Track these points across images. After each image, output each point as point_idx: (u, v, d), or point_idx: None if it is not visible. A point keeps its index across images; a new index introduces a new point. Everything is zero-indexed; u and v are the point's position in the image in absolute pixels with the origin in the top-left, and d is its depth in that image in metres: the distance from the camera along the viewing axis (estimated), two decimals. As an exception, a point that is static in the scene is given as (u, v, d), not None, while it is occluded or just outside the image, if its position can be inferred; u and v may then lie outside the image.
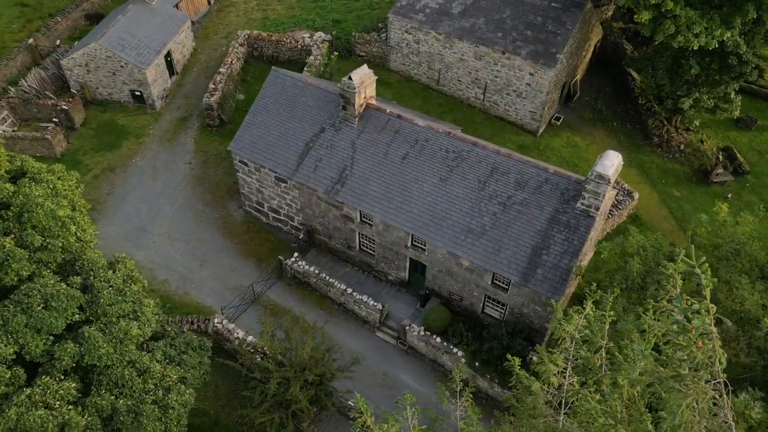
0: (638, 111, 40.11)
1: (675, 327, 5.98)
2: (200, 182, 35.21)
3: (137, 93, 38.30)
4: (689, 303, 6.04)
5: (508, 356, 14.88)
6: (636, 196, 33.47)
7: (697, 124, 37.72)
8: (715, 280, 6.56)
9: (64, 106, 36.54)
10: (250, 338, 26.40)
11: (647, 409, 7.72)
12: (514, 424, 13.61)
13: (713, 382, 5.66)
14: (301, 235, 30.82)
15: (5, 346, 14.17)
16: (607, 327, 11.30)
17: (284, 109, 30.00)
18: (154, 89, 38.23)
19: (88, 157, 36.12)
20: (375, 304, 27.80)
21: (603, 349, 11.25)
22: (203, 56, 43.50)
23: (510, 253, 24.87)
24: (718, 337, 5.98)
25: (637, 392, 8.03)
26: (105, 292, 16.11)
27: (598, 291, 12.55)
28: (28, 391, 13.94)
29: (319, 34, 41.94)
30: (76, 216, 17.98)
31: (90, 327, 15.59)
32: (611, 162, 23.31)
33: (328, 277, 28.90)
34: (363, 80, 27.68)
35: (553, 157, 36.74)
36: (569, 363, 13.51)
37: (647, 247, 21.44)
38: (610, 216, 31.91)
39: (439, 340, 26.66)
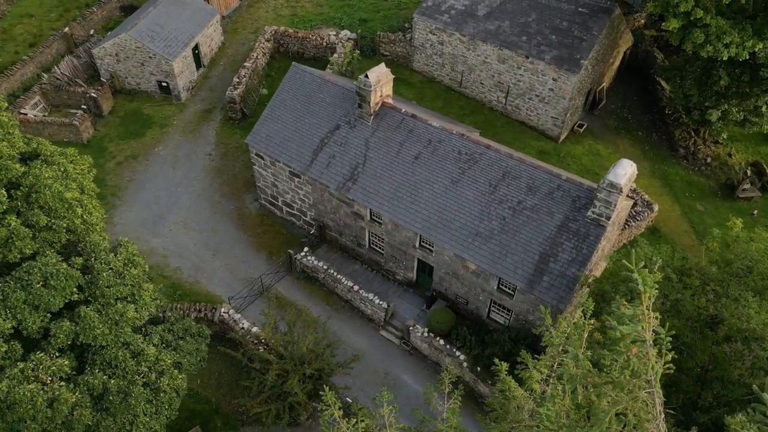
0: (665, 121, 39.17)
1: (611, 333, 5.83)
2: (219, 174, 35.77)
3: (164, 84, 39.13)
4: (625, 309, 5.87)
5: (496, 360, 14.74)
6: (655, 207, 32.67)
7: (725, 137, 36.61)
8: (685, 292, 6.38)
9: (93, 94, 37.57)
10: (254, 329, 26.67)
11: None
12: (494, 428, 13.45)
13: (647, 390, 5.49)
14: (312, 231, 31.03)
15: (3, 320, 14.64)
16: (586, 335, 11.06)
17: (302, 104, 30.25)
18: (180, 81, 38.99)
19: (113, 145, 37.04)
20: (380, 302, 27.80)
21: (580, 357, 11.04)
22: (231, 50, 44.17)
23: (517, 258, 24.56)
24: (654, 345, 5.79)
25: (568, 397, 7.87)
26: (104, 274, 16.51)
27: (589, 299, 12.31)
28: (22, 365, 14.38)
29: (345, 33, 42.14)
30: (84, 199, 18.46)
31: (87, 307, 16.00)
32: (624, 171, 22.79)
33: (335, 274, 29.02)
34: (379, 79, 27.71)
35: (573, 164, 36.16)
36: (554, 370, 13.33)
37: (655, 259, 20.87)
38: (626, 227, 31.24)
39: (442, 342, 26.50)
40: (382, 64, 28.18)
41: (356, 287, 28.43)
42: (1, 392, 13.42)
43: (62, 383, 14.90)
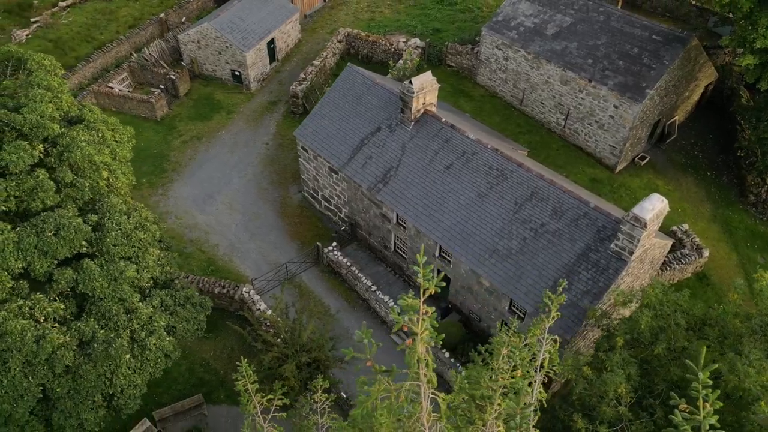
0: (739, 164, 36.49)
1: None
2: (271, 162, 37.41)
3: (237, 73, 41.47)
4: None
5: (453, 372, 14.61)
6: (706, 253, 30.52)
7: (803, 188, 33.56)
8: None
9: (172, 76, 40.52)
10: (269, 312, 27.69)
11: None
12: None
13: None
14: (343, 227, 31.74)
15: (15, 260, 16.39)
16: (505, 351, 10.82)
17: (350, 104, 31.10)
18: (252, 72, 41.16)
19: (183, 124, 39.72)
20: (395, 306, 27.96)
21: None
22: (306, 48, 46.02)
23: (531, 281, 23.95)
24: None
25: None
26: (113, 233, 17.99)
27: (542, 316, 12.03)
28: (21, 302, 16.03)
29: (414, 40, 42.70)
30: (113, 164, 20.18)
31: (92, 261, 17.51)
32: (652, 205, 21.66)
33: (357, 271, 29.53)
34: (423, 86, 27.99)
35: (627, 197, 34.55)
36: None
37: (667, 303, 19.69)
38: (667, 268, 29.43)
39: (447, 355, 26.25)
40: (428, 72, 28.42)
41: (374, 287, 28.79)
42: (-5, 321, 15.10)
43: (56, 325, 16.43)
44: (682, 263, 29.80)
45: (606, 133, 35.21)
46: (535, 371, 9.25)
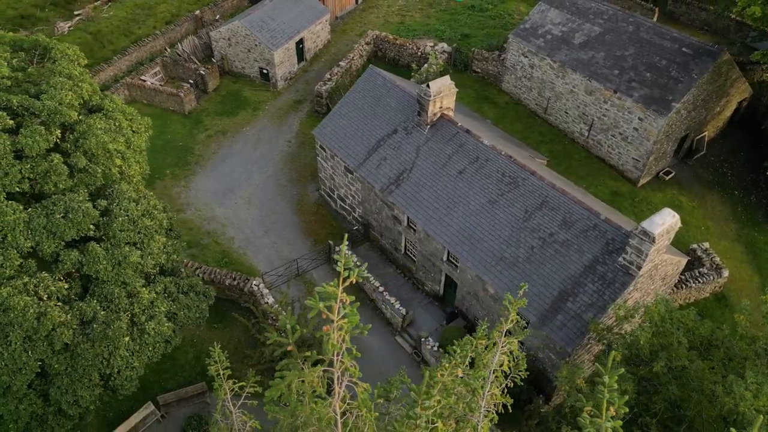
0: (769, 184, 35.31)
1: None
2: (291, 160, 37.93)
3: (264, 71, 42.22)
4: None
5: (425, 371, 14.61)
6: (725, 273, 29.60)
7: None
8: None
9: (202, 72, 41.52)
10: (277, 306, 28.08)
11: None
12: None
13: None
14: (356, 227, 31.95)
15: (24, 240, 17.10)
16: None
17: (368, 105, 31.33)
18: (279, 70, 41.83)
19: (209, 119, 40.63)
20: (400, 308, 28.02)
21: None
22: (334, 49, 46.52)
23: (536, 291, 23.67)
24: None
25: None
26: (119, 219, 18.59)
27: (501, 320, 11.97)
28: (27, 279, 16.72)
29: (442, 45, 42.70)
30: (127, 153, 20.84)
31: (97, 244, 18.12)
32: (662, 220, 21.17)
33: (366, 272, 29.67)
34: (440, 90, 28.00)
35: (648, 211, 33.74)
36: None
37: (670, 320, 19.21)
38: (683, 286, 28.66)
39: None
40: (447, 77, 28.43)
41: (382, 288, 28.89)
42: (0, 296, 15.75)
43: (58, 303, 17.06)
44: (699, 282, 28.97)
45: (629, 146, 34.53)
46: (491, 373, 9.21)
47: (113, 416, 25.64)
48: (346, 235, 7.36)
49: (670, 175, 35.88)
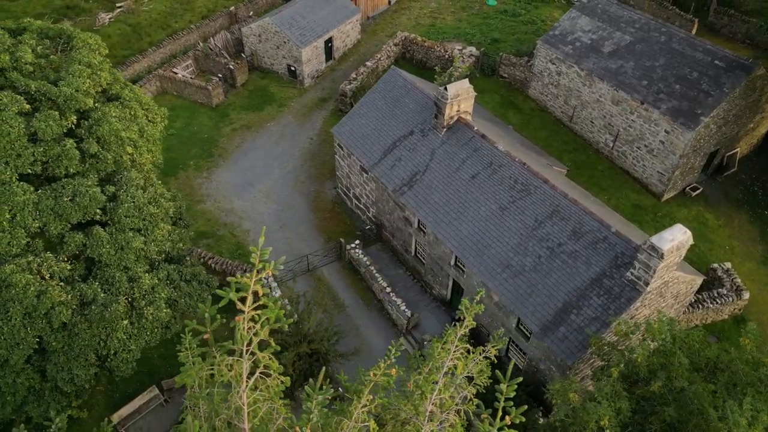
0: (802, 206, 33.81)
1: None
2: (312, 157, 38.26)
3: (292, 68, 42.72)
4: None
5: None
6: (746, 295, 28.48)
7: None
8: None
9: (231, 66, 42.28)
10: (284, 300, 28.35)
11: None
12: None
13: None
14: (368, 226, 32.00)
15: (32, 220, 17.74)
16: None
17: (388, 106, 31.36)
18: (306, 68, 42.25)
19: (235, 113, 41.34)
20: (405, 310, 27.94)
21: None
22: (364, 49, 46.71)
23: (540, 301, 23.27)
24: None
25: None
26: (125, 205, 19.10)
27: (456, 324, 11.81)
28: (31, 257, 17.34)
29: (470, 49, 42.40)
30: (139, 141, 21.39)
31: (102, 228, 18.66)
32: (672, 236, 20.55)
33: (374, 271, 29.70)
34: (458, 93, 27.81)
35: (670, 227, 32.71)
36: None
37: (672, 339, 18.61)
38: (700, 307, 27.72)
39: (450, 365, 25.89)
40: (465, 80, 28.21)
41: (389, 289, 28.86)
42: (3, 272, 16.38)
43: (60, 283, 17.63)
44: (717, 303, 27.97)
45: (655, 159, 33.60)
46: (441, 377, 9.10)
47: (119, 397, 26.32)
48: (264, 228, 7.38)
49: (697, 191, 34.76)
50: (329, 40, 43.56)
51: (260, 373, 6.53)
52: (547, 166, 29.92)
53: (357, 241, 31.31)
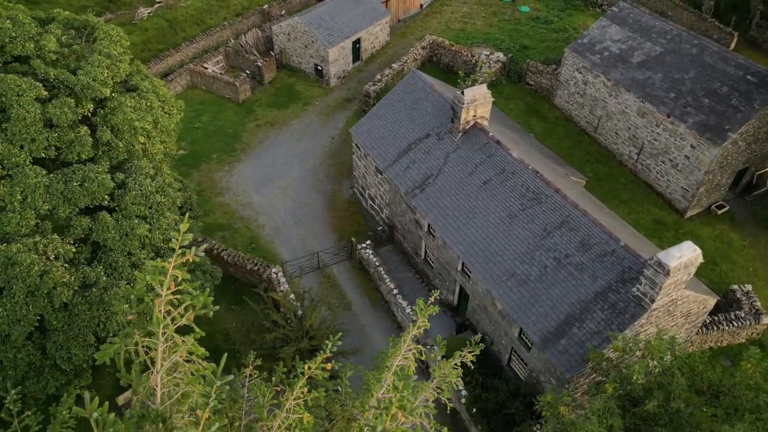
0: (835, 230, 32.34)
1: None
2: (332, 156, 38.55)
3: (319, 68, 43.15)
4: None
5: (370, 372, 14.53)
6: (764, 320, 27.39)
7: None
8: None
9: (259, 64, 42.97)
10: (291, 296, 28.63)
11: None
12: None
13: None
14: (381, 227, 32.05)
15: (42, 202, 18.40)
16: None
17: (406, 108, 31.38)
18: (333, 68, 42.62)
19: (261, 110, 41.98)
20: (410, 312, 27.85)
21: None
22: (392, 51, 46.83)
23: (542, 311, 22.89)
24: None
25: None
26: (132, 193, 19.62)
27: (410, 325, 11.76)
28: (38, 238, 17.98)
29: (497, 55, 42.05)
30: (153, 132, 21.95)
31: (108, 214, 19.22)
32: (680, 253, 19.96)
33: (383, 272, 29.72)
34: (475, 98, 27.63)
35: (691, 245, 31.77)
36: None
37: (673, 359, 18.07)
38: (715, 328, 26.80)
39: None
40: (484, 85, 28.01)
41: (395, 290, 28.83)
42: (9, 251, 17.04)
43: (65, 264, 18.23)
44: (734, 326, 26.99)
45: (679, 174, 32.67)
46: (389, 376, 9.07)
47: (126, 380, 27.03)
48: (187, 215, 7.46)
49: (723, 209, 33.63)
50: (357, 41, 43.84)
51: (181, 357, 6.65)
52: (564, 176, 29.43)
53: (368, 242, 31.39)
